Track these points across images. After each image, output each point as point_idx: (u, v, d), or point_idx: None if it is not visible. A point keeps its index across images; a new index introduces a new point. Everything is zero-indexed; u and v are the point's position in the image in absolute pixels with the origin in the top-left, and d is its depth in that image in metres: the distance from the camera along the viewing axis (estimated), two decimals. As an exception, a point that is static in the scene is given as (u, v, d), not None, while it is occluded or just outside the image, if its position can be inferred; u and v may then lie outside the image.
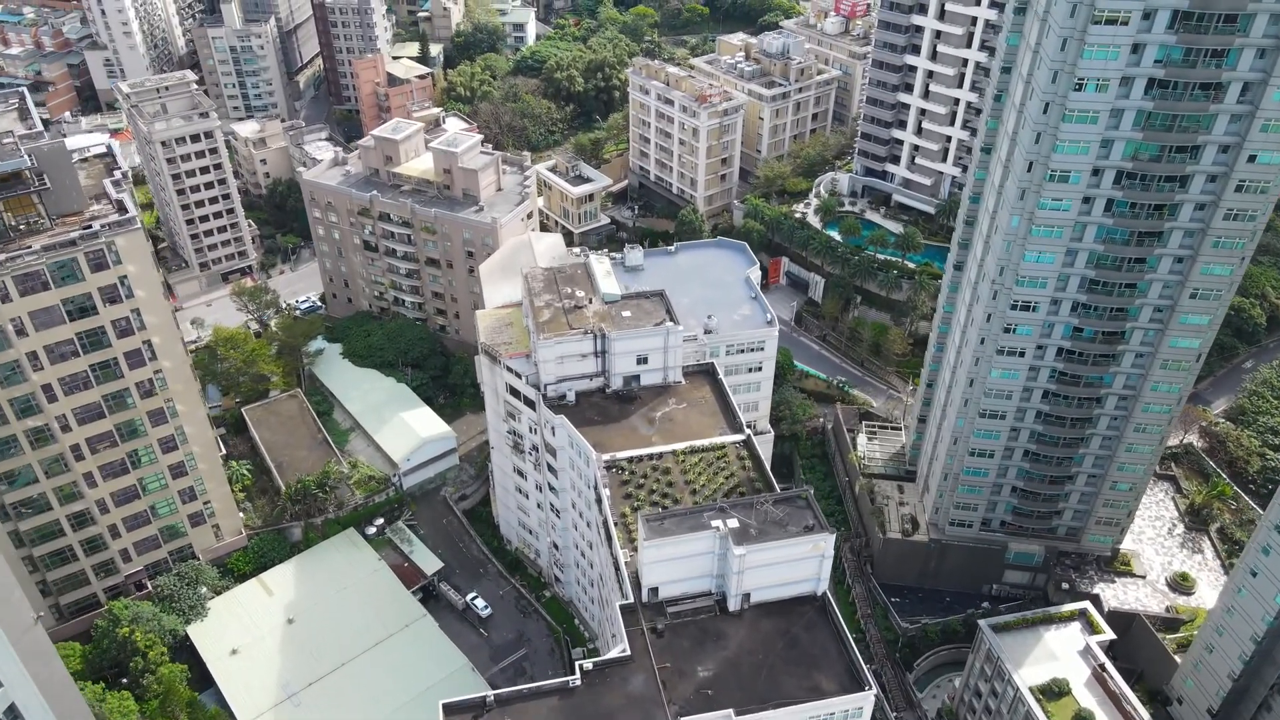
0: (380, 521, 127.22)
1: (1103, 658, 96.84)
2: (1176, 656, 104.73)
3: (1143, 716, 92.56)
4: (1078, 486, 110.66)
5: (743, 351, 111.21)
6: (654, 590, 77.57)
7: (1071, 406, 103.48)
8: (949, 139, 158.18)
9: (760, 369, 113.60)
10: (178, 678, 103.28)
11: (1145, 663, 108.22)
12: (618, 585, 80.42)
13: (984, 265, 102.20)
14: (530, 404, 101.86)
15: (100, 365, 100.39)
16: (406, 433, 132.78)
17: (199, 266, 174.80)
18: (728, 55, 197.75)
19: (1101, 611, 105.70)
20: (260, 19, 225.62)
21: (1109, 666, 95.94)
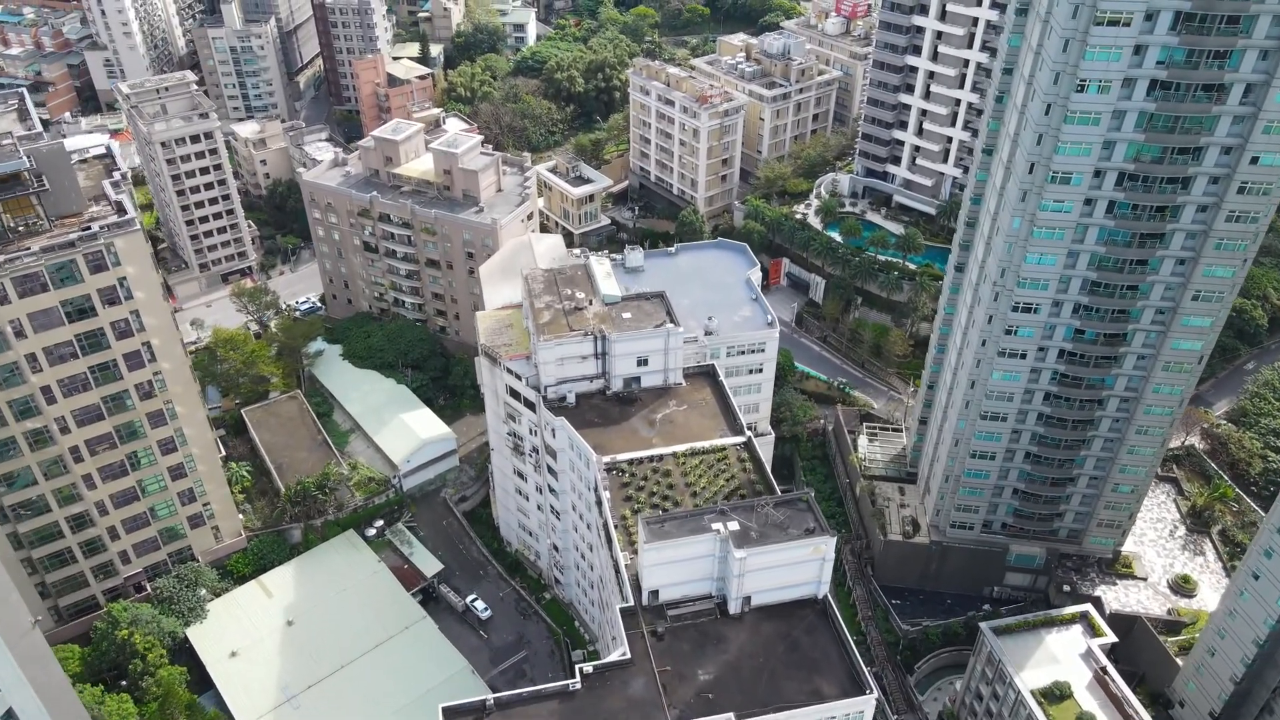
0: (380, 523, 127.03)
1: (1104, 660, 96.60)
2: (1178, 659, 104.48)
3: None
4: (1079, 489, 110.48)
5: (743, 353, 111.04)
6: (654, 593, 77.38)
7: (1073, 408, 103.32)
8: (950, 140, 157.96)
9: (761, 370, 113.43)
10: (177, 680, 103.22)
11: (1147, 665, 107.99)
12: (618, 588, 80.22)
13: (985, 267, 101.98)
14: (530, 406, 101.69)
15: (99, 367, 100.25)
16: (406, 434, 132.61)
17: (199, 267, 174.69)
18: (728, 56, 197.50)
19: (1103, 614, 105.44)
20: (260, 19, 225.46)
21: (1111, 669, 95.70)
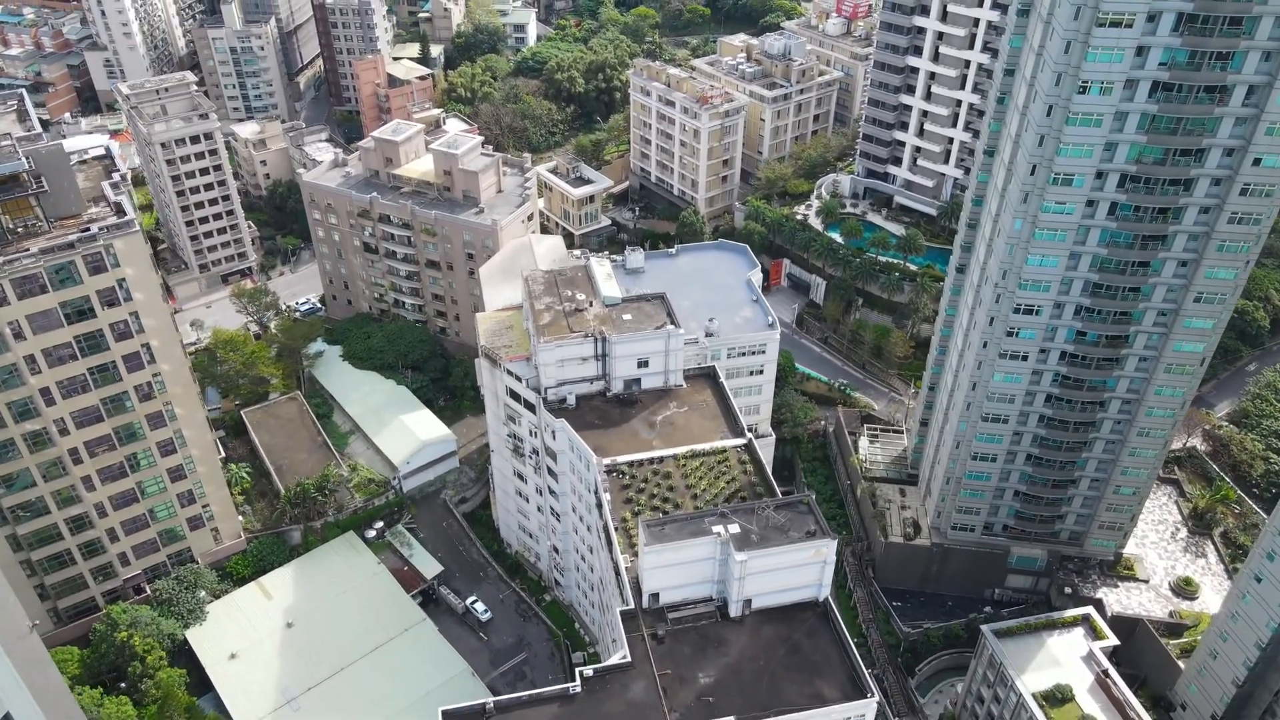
0: (380, 525, 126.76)
1: (1106, 663, 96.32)
2: (1180, 662, 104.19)
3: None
4: (1081, 491, 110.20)
5: (744, 354, 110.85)
6: (654, 596, 77.13)
7: (1075, 410, 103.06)
8: (951, 141, 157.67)
9: (762, 372, 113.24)
10: (176, 682, 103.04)
11: (1149, 668, 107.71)
12: (618, 590, 79.96)
13: (986, 268, 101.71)
14: (530, 407, 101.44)
15: (99, 368, 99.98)
16: (406, 435, 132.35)
17: (199, 268, 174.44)
18: (729, 56, 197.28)
19: (1104, 616, 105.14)
20: (260, 20, 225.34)
21: (1112, 672, 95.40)
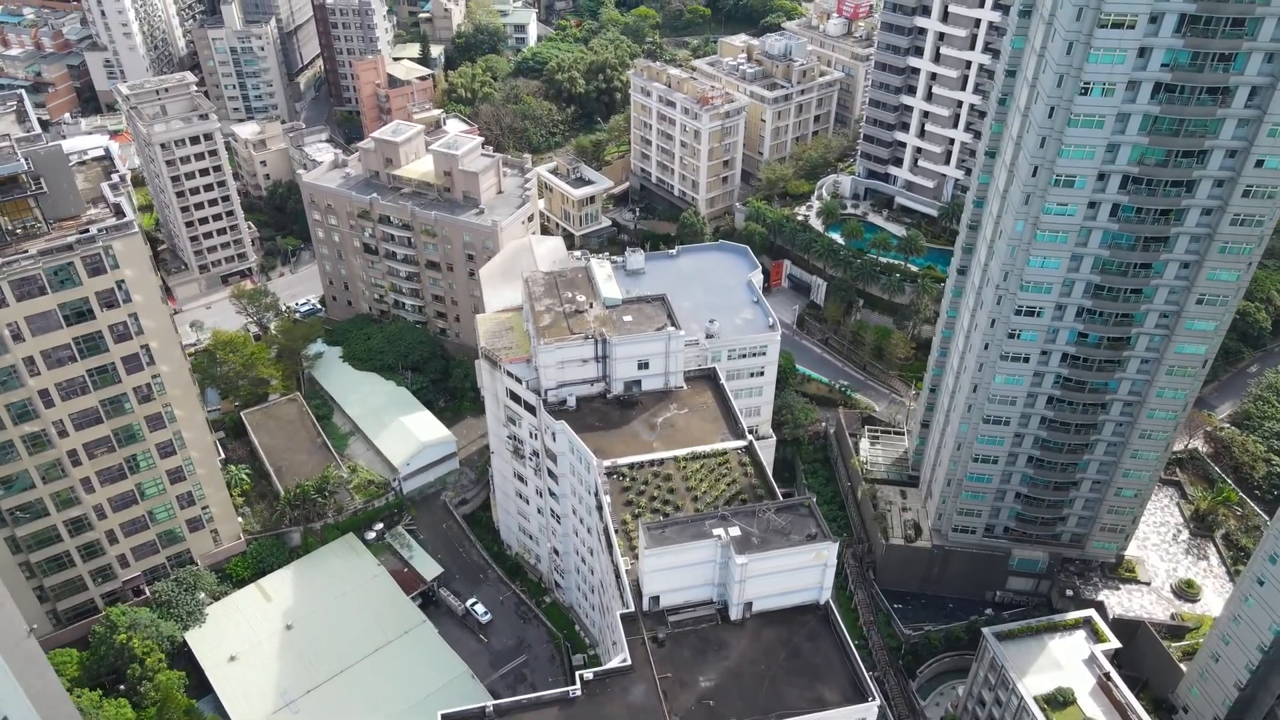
0: (380, 526, 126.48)
1: (1108, 666, 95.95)
2: (1182, 665, 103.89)
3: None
4: (1082, 493, 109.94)
5: (745, 356, 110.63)
6: (655, 599, 76.89)
7: (1076, 412, 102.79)
8: (952, 141, 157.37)
9: (762, 373, 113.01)
10: (175, 684, 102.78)
11: (1150, 671, 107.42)
12: (618, 593, 79.72)
13: (988, 270, 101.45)
14: (531, 409, 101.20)
15: (98, 370, 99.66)
16: (406, 437, 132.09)
17: (198, 269, 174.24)
18: (729, 57, 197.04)
19: (1106, 618, 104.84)
20: (261, 20, 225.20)
21: (1114, 676, 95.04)
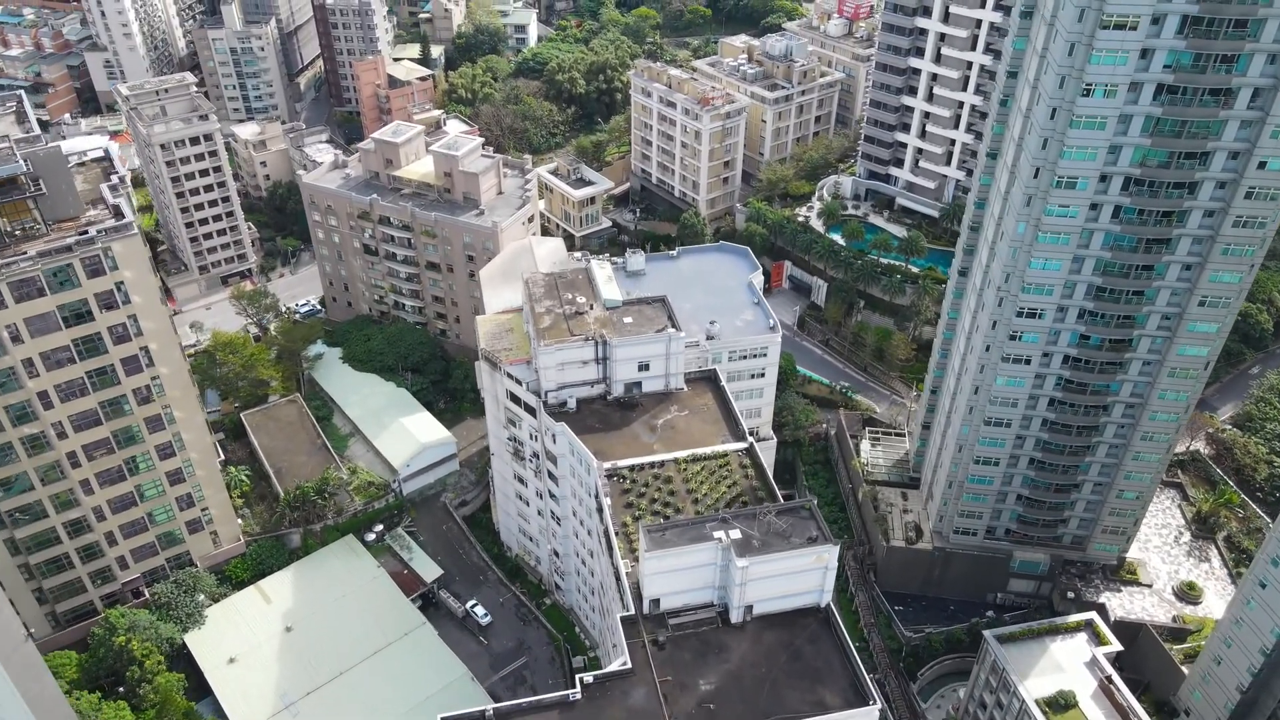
0: (379, 528, 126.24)
1: (1109, 669, 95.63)
2: (1184, 667, 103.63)
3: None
4: (1084, 495, 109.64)
5: (745, 357, 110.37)
6: (655, 601, 76.69)
7: (1078, 415, 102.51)
8: (953, 142, 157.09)
9: (763, 375, 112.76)
10: (174, 687, 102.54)
11: (1152, 673, 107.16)
12: (618, 595, 79.50)
13: (989, 272, 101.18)
14: (531, 411, 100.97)
15: (97, 371, 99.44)
16: (406, 438, 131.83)
17: (198, 270, 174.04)
18: (730, 57, 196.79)
19: (1107, 621, 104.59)
20: (261, 20, 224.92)
21: (1116, 678, 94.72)
